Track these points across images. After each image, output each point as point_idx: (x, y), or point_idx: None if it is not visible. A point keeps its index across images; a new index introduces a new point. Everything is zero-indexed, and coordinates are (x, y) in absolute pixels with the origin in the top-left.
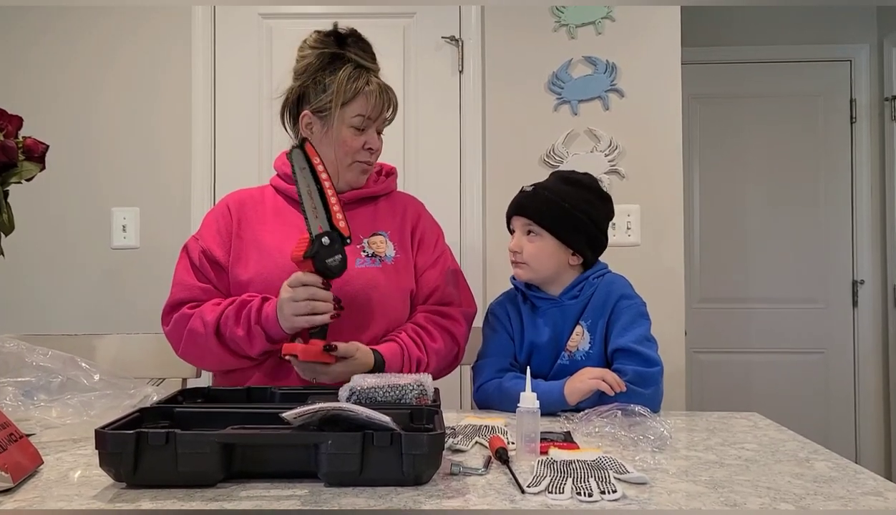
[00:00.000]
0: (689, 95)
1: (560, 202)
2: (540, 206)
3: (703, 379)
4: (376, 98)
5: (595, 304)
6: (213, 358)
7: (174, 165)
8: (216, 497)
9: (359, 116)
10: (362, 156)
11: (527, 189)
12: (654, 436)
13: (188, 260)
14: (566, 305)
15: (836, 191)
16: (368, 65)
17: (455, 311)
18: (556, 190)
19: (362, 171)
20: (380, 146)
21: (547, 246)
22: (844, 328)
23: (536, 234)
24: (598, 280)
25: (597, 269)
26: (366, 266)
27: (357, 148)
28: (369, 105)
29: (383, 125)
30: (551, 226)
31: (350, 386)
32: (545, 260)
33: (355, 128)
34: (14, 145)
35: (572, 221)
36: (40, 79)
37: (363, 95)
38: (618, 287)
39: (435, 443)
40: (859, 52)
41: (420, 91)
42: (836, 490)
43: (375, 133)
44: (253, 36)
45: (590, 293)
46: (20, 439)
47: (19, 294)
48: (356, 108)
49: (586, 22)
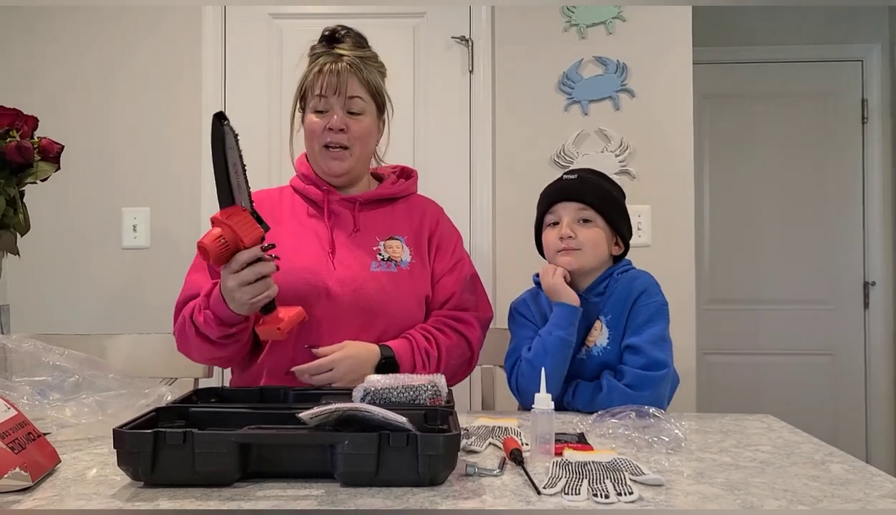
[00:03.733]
0: (700, 95)
1: (610, 189)
2: (596, 191)
3: (712, 380)
4: (328, 76)
5: (617, 300)
6: (195, 350)
7: (184, 165)
8: (233, 497)
9: (317, 96)
10: (326, 139)
11: (569, 176)
12: (668, 438)
13: (197, 260)
14: (590, 302)
15: (847, 191)
16: (346, 52)
17: (469, 316)
18: (599, 179)
19: (331, 157)
20: (349, 128)
21: (601, 232)
22: (855, 330)
23: (590, 220)
24: (621, 275)
25: (621, 265)
26: (381, 270)
27: (319, 130)
28: (321, 83)
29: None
30: (608, 212)
31: (364, 386)
32: (600, 247)
33: (317, 111)
34: (30, 146)
35: (621, 209)
36: (51, 79)
37: (317, 77)
38: (640, 283)
39: (451, 444)
40: (871, 51)
41: (430, 91)
42: (852, 493)
43: (340, 111)
44: (263, 36)
45: (614, 288)
46: (38, 438)
47: (32, 293)
48: (312, 93)
49: (597, 22)
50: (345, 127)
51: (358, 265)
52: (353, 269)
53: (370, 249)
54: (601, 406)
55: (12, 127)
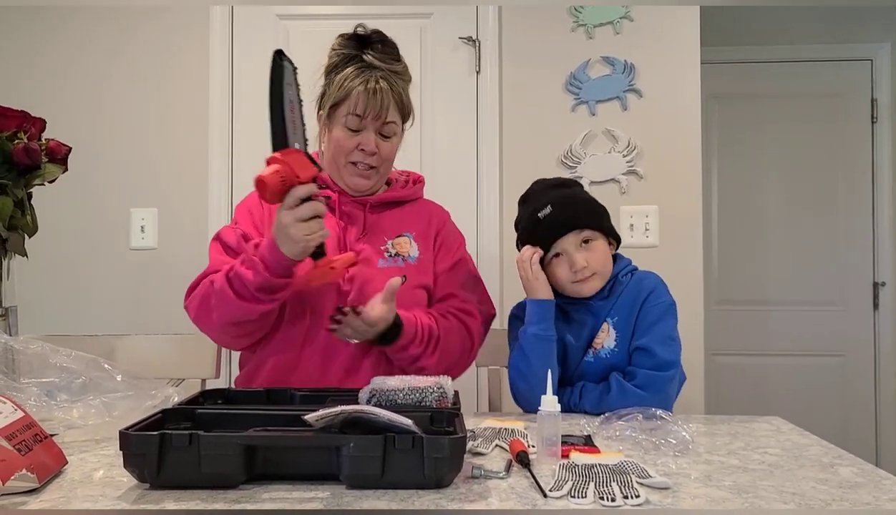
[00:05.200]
0: (708, 95)
1: (590, 200)
2: (586, 211)
3: (720, 381)
4: (369, 98)
5: (624, 302)
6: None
7: (192, 166)
8: (239, 499)
9: (350, 115)
10: (356, 157)
11: (546, 212)
12: (675, 440)
13: (221, 245)
14: (596, 306)
15: (857, 191)
16: (379, 64)
17: (472, 307)
18: (568, 194)
19: (358, 175)
20: (382, 152)
21: (603, 247)
22: (865, 331)
23: (591, 240)
24: (626, 278)
25: (624, 267)
26: (388, 266)
27: (349, 149)
28: (360, 104)
29: (389, 129)
30: (602, 225)
31: (370, 388)
32: (607, 261)
33: (349, 128)
34: (38, 147)
35: (603, 211)
36: (58, 81)
37: (355, 94)
38: (648, 284)
39: (456, 447)
40: (880, 50)
41: (437, 92)
42: (861, 497)
43: (374, 134)
44: (270, 37)
45: (619, 291)
46: (45, 439)
47: (40, 295)
48: (347, 108)
49: (604, 22)
50: (377, 150)
51: (368, 264)
52: (362, 268)
53: (378, 248)
54: (610, 406)
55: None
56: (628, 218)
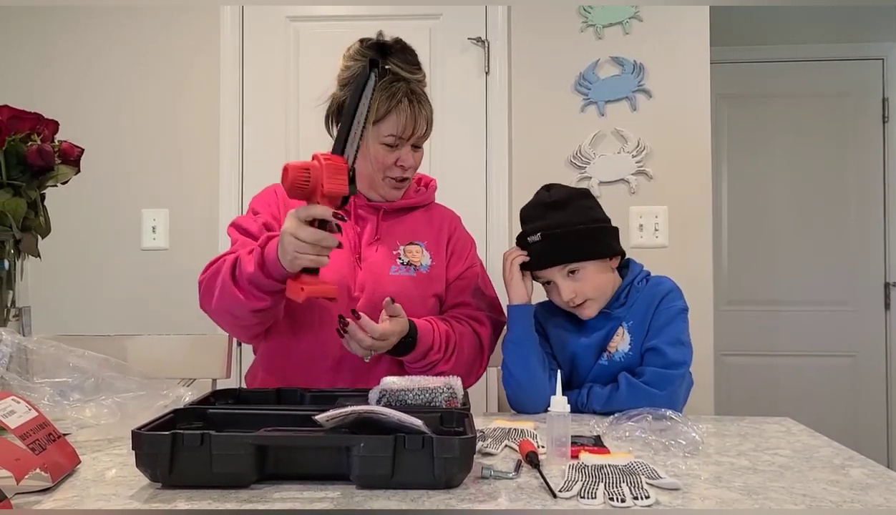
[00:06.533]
0: (718, 95)
1: (575, 226)
2: (572, 244)
3: (730, 382)
4: (407, 118)
5: (640, 307)
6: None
7: (203, 167)
8: (250, 499)
9: (390, 135)
10: (394, 173)
11: (535, 239)
12: (685, 441)
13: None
14: (613, 314)
15: (868, 191)
16: (406, 75)
17: (482, 315)
18: (560, 221)
19: (394, 187)
20: (415, 162)
21: (595, 272)
22: (876, 331)
23: (579, 270)
24: (642, 283)
25: (639, 273)
26: (400, 274)
27: (389, 164)
28: (400, 125)
29: (421, 141)
30: (590, 254)
31: (380, 388)
32: (603, 284)
33: (387, 145)
34: (51, 149)
35: (595, 235)
36: (70, 83)
37: (394, 114)
38: (663, 288)
39: (466, 447)
40: (891, 49)
41: (446, 92)
42: (873, 498)
43: (410, 148)
44: (280, 39)
45: (636, 297)
46: (59, 438)
47: (53, 295)
48: (388, 128)
49: (613, 22)
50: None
51: (378, 269)
52: (374, 273)
53: (390, 253)
54: (619, 404)
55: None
56: (638, 218)
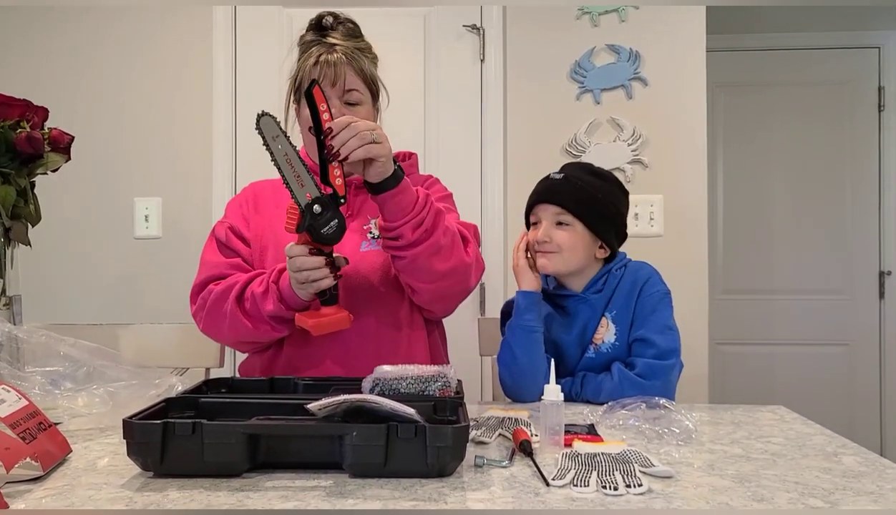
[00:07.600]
0: (714, 84)
1: (594, 192)
2: (575, 194)
3: (725, 371)
4: (326, 65)
5: (620, 295)
6: (230, 324)
7: (196, 155)
8: (242, 487)
9: None
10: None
11: (555, 176)
12: (678, 429)
13: (215, 242)
14: (591, 300)
15: (864, 180)
16: (336, 41)
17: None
18: (586, 180)
19: None
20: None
21: (579, 236)
22: (870, 320)
23: (568, 224)
24: (620, 271)
25: (618, 260)
26: (371, 249)
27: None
28: (320, 75)
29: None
30: (586, 215)
31: (374, 376)
32: (578, 251)
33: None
34: (40, 136)
35: (605, 212)
36: (62, 71)
37: (308, 68)
38: (642, 275)
39: (459, 436)
40: (888, 38)
41: (441, 80)
42: (865, 486)
43: (338, 103)
44: (274, 26)
45: (614, 284)
46: (49, 427)
47: (44, 284)
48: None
49: (609, 9)
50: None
51: (350, 247)
52: (345, 251)
53: (360, 228)
54: (611, 395)
55: (22, 118)
56: (633, 207)
